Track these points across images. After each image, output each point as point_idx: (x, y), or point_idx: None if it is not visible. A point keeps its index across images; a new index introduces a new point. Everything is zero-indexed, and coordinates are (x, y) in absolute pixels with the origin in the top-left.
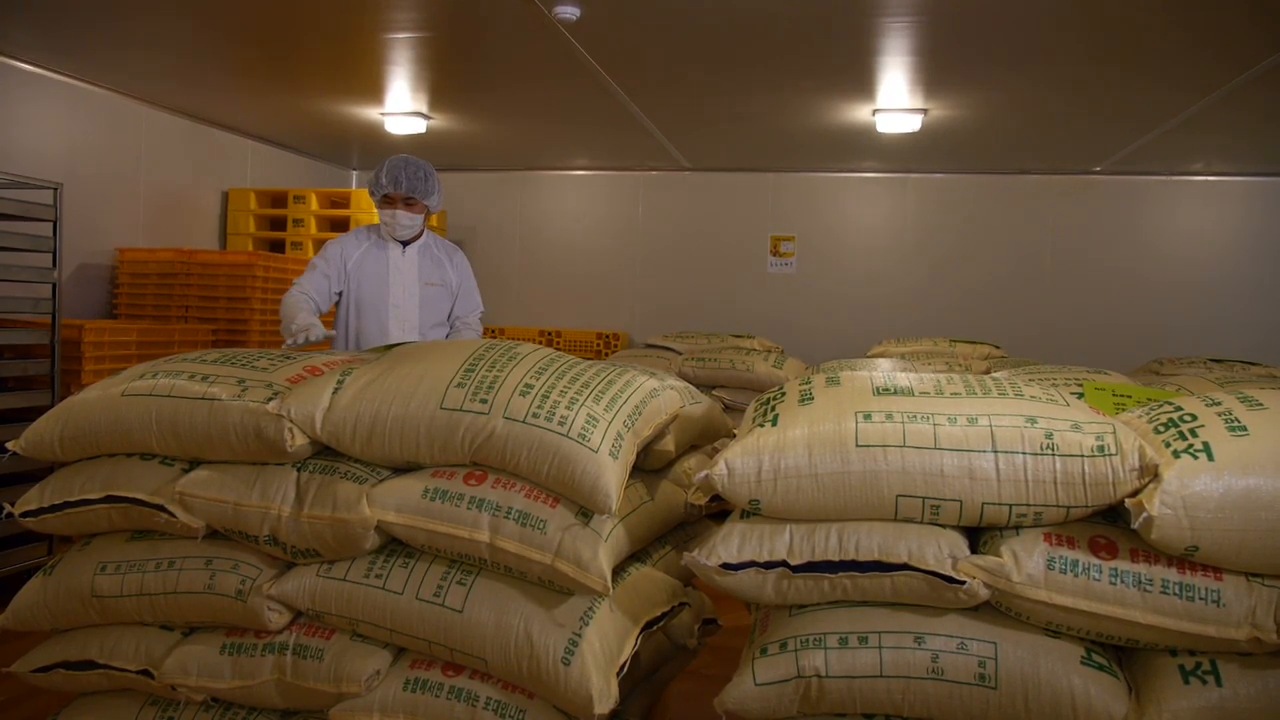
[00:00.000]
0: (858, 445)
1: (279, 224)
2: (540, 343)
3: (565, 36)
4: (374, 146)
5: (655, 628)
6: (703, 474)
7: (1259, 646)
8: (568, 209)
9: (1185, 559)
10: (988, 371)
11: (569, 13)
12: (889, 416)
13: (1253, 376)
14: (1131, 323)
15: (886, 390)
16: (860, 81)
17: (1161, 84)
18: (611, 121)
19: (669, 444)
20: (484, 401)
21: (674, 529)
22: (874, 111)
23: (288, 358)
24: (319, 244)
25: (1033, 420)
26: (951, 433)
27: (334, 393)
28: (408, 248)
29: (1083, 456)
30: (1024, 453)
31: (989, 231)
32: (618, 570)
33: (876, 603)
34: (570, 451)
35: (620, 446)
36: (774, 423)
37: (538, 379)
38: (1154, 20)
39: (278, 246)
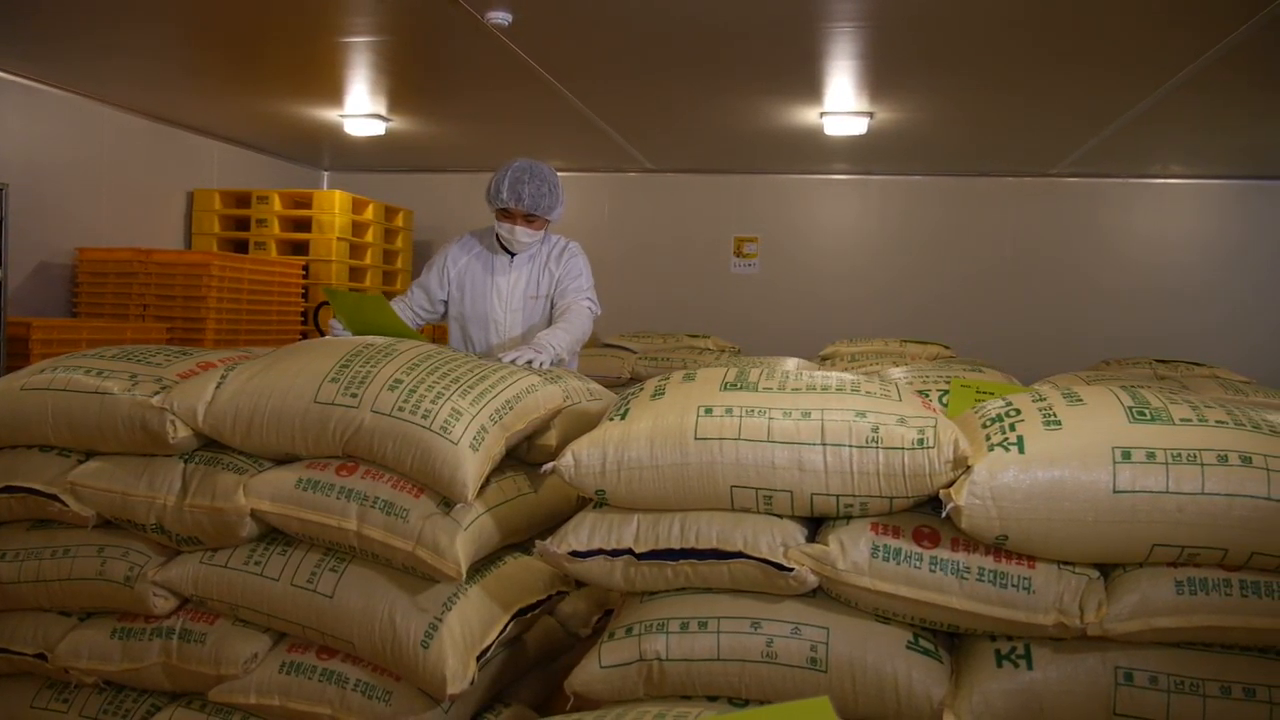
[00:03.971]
0: (696, 438)
1: (244, 224)
2: None
3: (503, 41)
4: (343, 148)
5: (530, 615)
6: (549, 465)
7: (1065, 631)
8: None
9: (998, 548)
10: None
11: (500, 18)
12: (728, 411)
13: (1196, 377)
14: (1092, 323)
15: (733, 386)
16: (806, 85)
17: (1111, 78)
18: (567, 124)
19: (551, 439)
20: (354, 396)
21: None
22: (821, 114)
23: (185, 353)
24: (281, 244)
25: (862, 414)
26: (784, 426)
27: (217, 387)
28: (515, 258)
29: (903, 449)
30: (850, 445)
31: (952, 233)
32: (494, 558)
33: (721, 590)
34: (431, 443)
35: (483, 439)
36: (623, 416)
37: (408, 374)
38: (1102, 14)
39: (242, 247)
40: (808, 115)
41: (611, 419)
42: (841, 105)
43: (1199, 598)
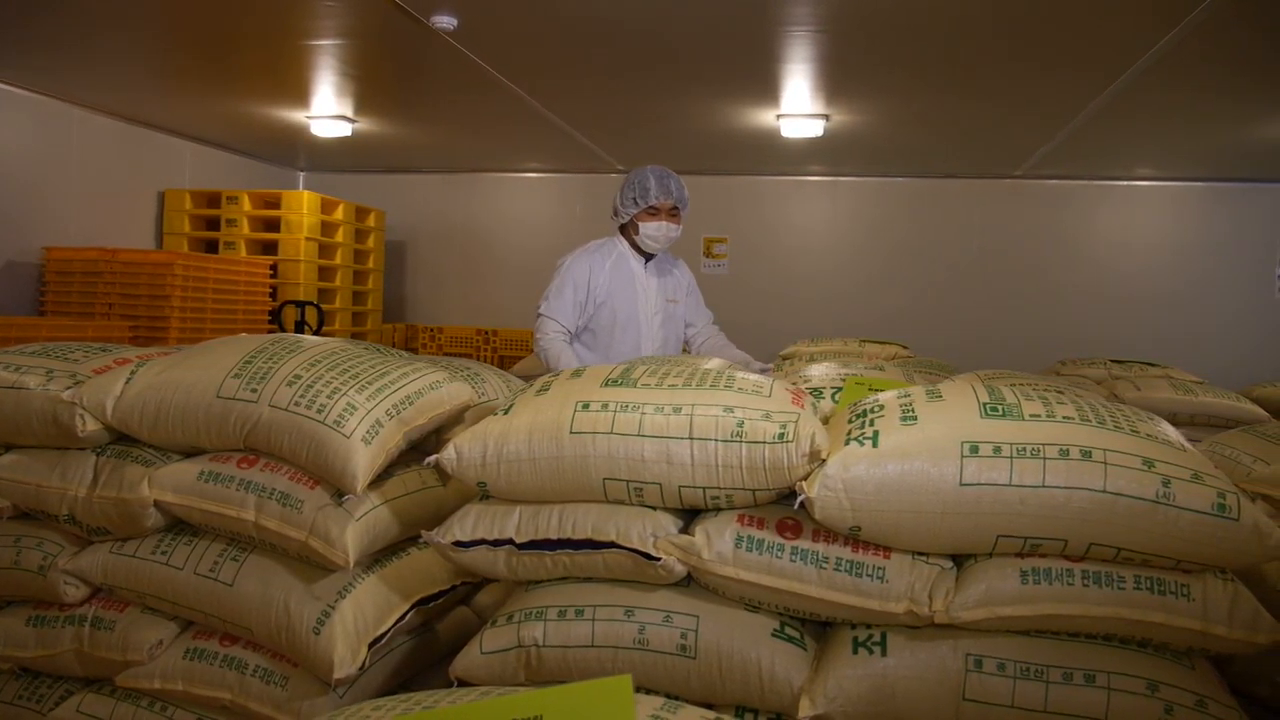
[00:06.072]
0: (571, 432)
1: (215, 224)
2: (477, 341)
3: (453, 45)
4: (318, 149)
5: (433, 605)
6: (432, 458)
7: (916, 620)
8: (512, 210)
9: (854, 539)
10: None
11: (446, 22)
12: (604, 406)
13: (1148, 377)
14: (1056, 325)
15: (614, 382)
16: (761, 87)
17: (1066, 73)
18: (531, 126)
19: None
20: (254, 391)
21: None
22: (778, 116)
23: (104, 349)
24: (251, 244)
25: (730, 410)
26: (655, 421)
27: (126, 382)
28: (649, 263)
29: (765, 443)
30: (716, 440)
31: (920, 234)
32: (398, 549)
33: (599, 579)
34: (324, 437)
35: (377, 433)
36: (506, 411)
37: (308, 370)
38: (1055, 8)
39: (213, 247)
40: (764, 117)
41: (496, 414)
42: (798, 108)
43: (1042, 587)
